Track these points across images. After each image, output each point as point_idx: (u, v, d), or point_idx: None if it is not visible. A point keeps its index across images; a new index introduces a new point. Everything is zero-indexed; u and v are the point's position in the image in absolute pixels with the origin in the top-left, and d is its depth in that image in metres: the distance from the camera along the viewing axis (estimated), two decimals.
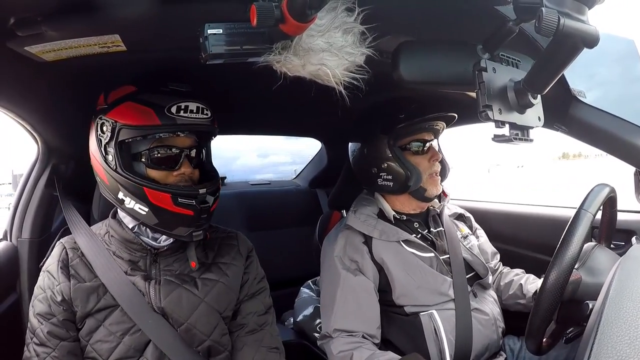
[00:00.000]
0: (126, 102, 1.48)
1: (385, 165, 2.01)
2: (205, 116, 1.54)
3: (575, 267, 1.41)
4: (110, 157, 1.47)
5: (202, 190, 1.51)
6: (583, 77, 1.56)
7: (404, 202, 2.12)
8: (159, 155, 1.54)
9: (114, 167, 1.47)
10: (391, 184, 2.02)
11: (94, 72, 1.50)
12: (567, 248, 1.33)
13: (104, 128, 1.48)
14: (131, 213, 1.50)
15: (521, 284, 2.13)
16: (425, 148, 2.03)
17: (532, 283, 2.10)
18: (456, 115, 2.03)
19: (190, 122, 1.50)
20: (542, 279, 2.03)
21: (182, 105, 1.48)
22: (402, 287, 1.90)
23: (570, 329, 1.45)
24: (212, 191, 1.56)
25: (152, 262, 1.58)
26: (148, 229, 1.59)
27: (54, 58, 1.29)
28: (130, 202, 1.48)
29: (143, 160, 1.52)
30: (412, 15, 1.33)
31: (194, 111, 1.50)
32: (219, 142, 1.78)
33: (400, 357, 1.73)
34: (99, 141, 1.50)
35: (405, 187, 1.98)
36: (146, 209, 1.47)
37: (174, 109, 1.46)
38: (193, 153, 1.63)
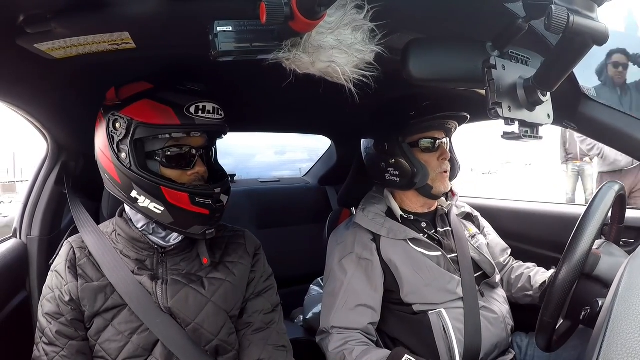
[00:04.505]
0: (143, 99, 1.47)
1: (393, 160, 2.02)
2: (219, 116, 1.54)
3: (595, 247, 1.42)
4: (123, 155, 1.45)
5: (217, 190, 1.53)
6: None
7: (412, 199, 2.13)
8: (175, 154, 1.53)
9: (128, 165, 1.45)
10: (398, 179, 2.03)
11: (103, 69, 1.49)
12: (591, 218, 1.35)
13: (117, 125, 1.45)
14: (145, 212, 1.49)
15: (530, 276, 2.14)
16: (435, 146, 2.03)
17: (541, 275, 2.11)
18: (468, 116, 2.04)
19: (207, 122, 1.51)
20: (552, 270, 2.05)
21: (200, 105, 1.48)
22: (410, 285, 1.90)
23: (587, 308, 1.43)
24: (225, 190, 1.58)
25: (159, 261, 1.58)
26: (159, 227, 1.60)
27: (63, 55, 1.29)
28: (144, 201, 1.46)
29: (158, 159, 1.51)
30: (422, 13, 1.32)
31: (211, 111, 1.51)
32: (234, 139, 1.79)
33: (388, 351, 1.76)
34: (111, 138, 1.47)
35: (411, 183, 1.99)
36: (162, 208, 1.47)
37: (192, 109, 1.47)
38: (205, 152, 1.64)
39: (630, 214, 1.68)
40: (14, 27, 1.09)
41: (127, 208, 1.64)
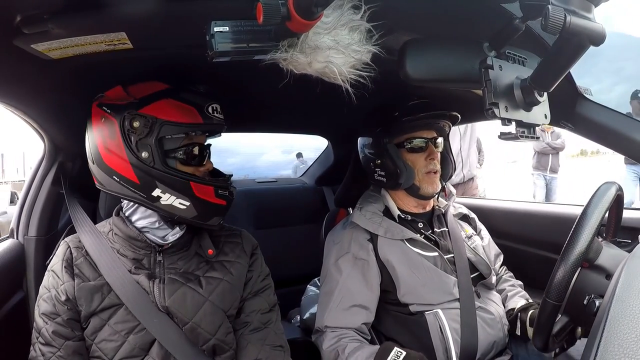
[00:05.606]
0: (165, 98, 1.48)
1: (379, 161, 2.06)
2: (222, 116, 1.60)
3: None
4: (145, 154, 1.44)
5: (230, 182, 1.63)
6: (609, 71, 1.56)
7: (404, 200, 2.14)
8: (193, 152, 1.57)
9: (151, 164, 1.45)
10: (384, 179, 2.06)
11: (100, 70, 1.50)
12: (593, 209, 1.35)
13: (135, 124, 1.44)
14: (166, 209, 1.50)
15: (507, 296, 2.16)
16: (423, 146, 2.04)
17: (517, 298, 2.12)
18: (458, 115, 2.04)
19: (220, 121, 1.59)
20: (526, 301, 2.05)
21: (214, 106, 1.57)
22: (407, 285, 1.90)
23: (590, 296, 1.43)
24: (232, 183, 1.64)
25: (156, 260, 1.58)
26: (167, 225, 1.61)
27: (60, 56, 1.29)
28: (168, 198, 1.48)
29: (175, 156, 1.53)
30: (419, 13, 1.32)
31: (219, 111, 1.58)
32: (242, 139, 1.80)
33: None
34: (127, 137, 1.45)
35: (397, 184, 2.01)
36: (187, 203, 1.50)
37: (210, 109, 1.54)
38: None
39: (626, 214, 1.68)
40: (11, 27, 1.08)
41: (124, 207, 1.64)
